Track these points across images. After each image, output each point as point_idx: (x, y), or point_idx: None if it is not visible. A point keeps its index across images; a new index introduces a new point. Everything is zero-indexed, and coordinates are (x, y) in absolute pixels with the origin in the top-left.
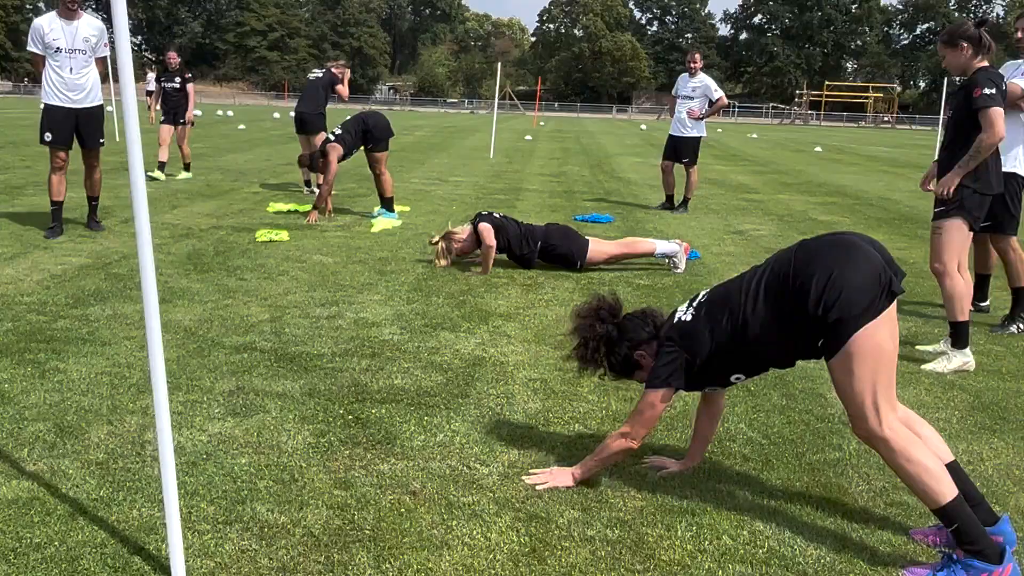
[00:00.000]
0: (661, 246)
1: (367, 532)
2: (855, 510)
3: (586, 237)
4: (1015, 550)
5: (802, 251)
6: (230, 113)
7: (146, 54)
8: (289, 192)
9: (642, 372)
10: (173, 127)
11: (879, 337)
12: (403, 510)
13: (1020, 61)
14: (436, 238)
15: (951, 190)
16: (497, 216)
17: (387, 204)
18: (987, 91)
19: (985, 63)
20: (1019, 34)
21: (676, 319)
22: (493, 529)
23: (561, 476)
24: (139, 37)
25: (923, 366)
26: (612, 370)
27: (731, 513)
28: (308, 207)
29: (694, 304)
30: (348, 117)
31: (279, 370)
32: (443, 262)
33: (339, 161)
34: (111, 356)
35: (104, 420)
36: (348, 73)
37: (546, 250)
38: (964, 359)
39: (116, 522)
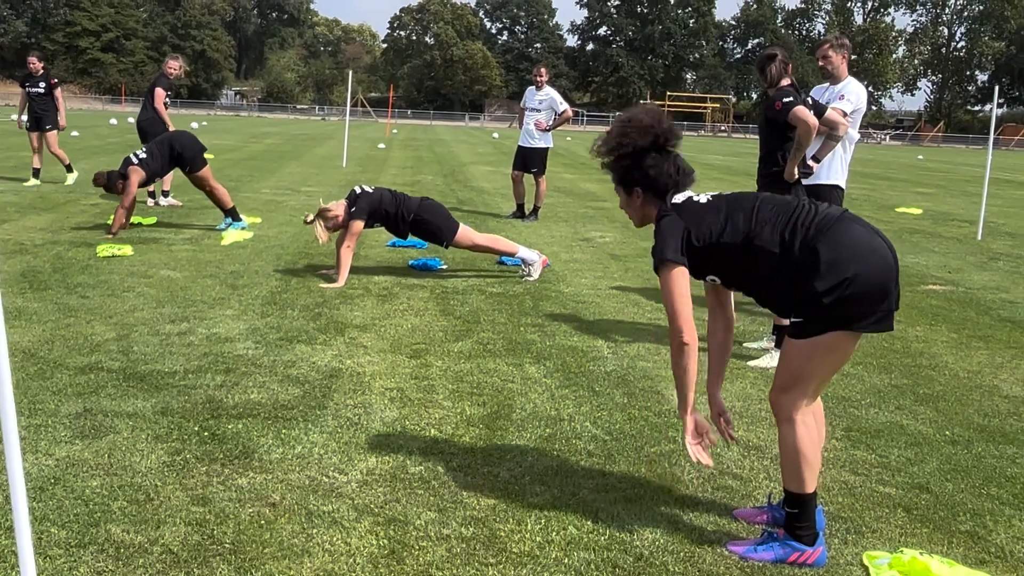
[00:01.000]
0: (523, 251)
1: (227, 545)
2: (686, 495)
3: (458, 222)
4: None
5: (836, 225)
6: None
7: None
8: None
9: (629, 202)
10: (39, 133)
11: (849, 342)
12: (263, 522)
13: (826, 84)
14: (310, 216)
15: (793, 176)
16: (371, 191)
17: (231, 214)
18: (785, 100)
19: (784, 82)
20: (820, 61)
21: (688, 198)
22: (353, 534)
23: (688, 430)
24: None
25: (749, 362)
26: (615, 169)
27: (577, 505)
28: (152, 220)
29: (710, 196)
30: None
31: (129, 390)
32: (324, 237)
33: (140, 185)
34: None
35: None
36: (176, 68)
37: (417, 223)
38: None
39: None
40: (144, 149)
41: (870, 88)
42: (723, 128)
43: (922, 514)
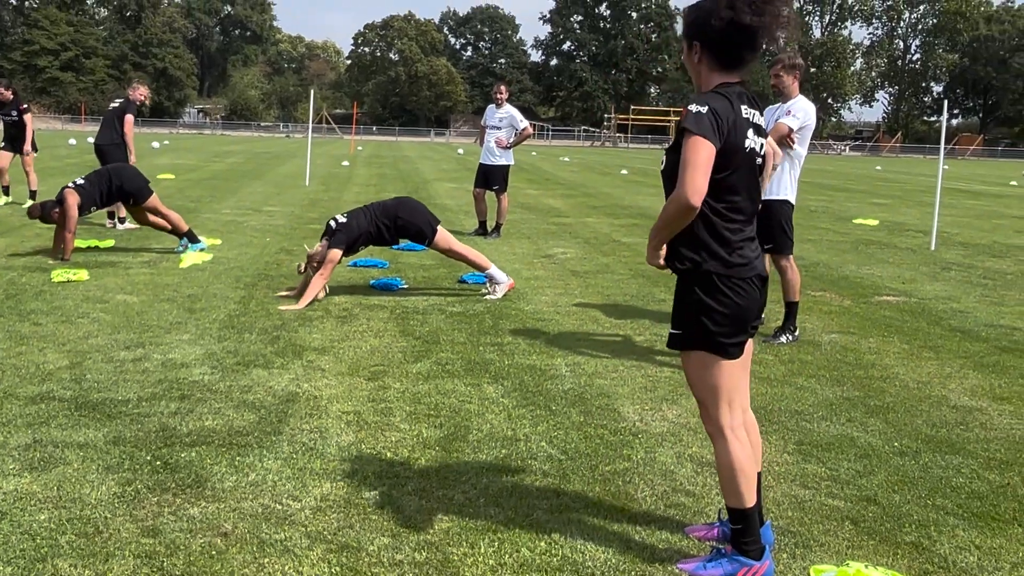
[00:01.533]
0: (494, 269)
1: None
2: (639, 513)
3: (439, 219)
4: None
5: (759, 258)
6: None
7: None
8: (88, 227)
9: (688, 56)
10: (13, 155)
11: (717, 363)
12: (214, 552)
13: (779, 104)
14: (303, 266)
15: None
16: (345, 221)
17: (189, 236)
18: None
19: None
20: (772, 80)
21: (748, 115)
22: (305, 563)
23: (650, 258)
24: None
25: None
26: (684, 15)
27: (530, 527)
28: (110, 243)
29: (759, 142)
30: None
31: (80, 419)
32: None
33: (79, 212)
34: None
35: None
36: (145, 95)
37: (400, 228)
38: None
39: None
40: (84, 177)
41: (829, 100)
42: None
43: (869, 526)
